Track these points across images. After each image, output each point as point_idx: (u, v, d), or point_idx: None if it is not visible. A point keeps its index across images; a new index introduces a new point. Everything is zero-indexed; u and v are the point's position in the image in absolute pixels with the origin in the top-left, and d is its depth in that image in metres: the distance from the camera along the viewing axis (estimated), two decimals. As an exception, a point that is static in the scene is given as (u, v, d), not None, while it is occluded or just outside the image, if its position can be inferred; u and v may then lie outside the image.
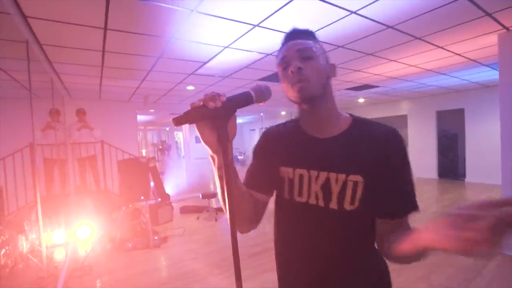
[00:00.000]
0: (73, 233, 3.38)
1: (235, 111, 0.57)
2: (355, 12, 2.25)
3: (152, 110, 7.79)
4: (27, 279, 2.65)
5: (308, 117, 0.74)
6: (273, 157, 0.76)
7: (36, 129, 3.85)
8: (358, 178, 0.65)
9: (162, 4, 2.00)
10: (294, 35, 0.73)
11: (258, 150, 0.81)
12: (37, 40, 2.52)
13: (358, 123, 0.72)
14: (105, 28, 2.35)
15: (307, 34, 0.73)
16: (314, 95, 0.67)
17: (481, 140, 6.58)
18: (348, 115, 0.75)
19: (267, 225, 0.87)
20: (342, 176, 0.66)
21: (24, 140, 3.69)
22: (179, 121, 0.52)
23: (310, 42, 0.70)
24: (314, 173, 0.69)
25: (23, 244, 2.99)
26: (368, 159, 0.66)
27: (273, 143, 0.78)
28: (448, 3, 2.16)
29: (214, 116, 0.54)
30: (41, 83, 3.78)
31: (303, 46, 0.69)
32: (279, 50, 0.74)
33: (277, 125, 0.83)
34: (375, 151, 0.66)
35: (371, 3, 2.11)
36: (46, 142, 4.20)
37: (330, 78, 0.72)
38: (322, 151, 0.70)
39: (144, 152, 12.50)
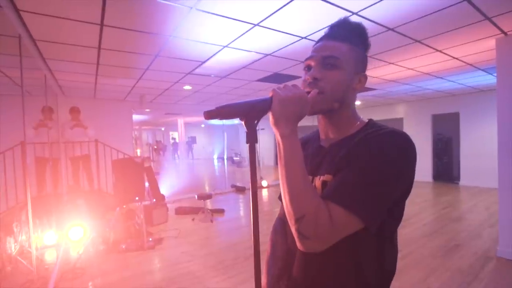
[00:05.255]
0: (65, 234, 3.29)
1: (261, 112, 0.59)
2: (356, 13, 2.23)
3: (147, 110, 7.71)
4: (16, 282, 2.56)
5: (321, 124, 0.74)
6: None
7: (28, 127, 3.75)
8: (329, 177, 0.64)
9: (161, 1, 1.96)
10: (334, 32, 0.68)
11: None
12: (30, 35, 2.45)
13: (367, 127, 0.67)
14: (101, 24, 2.29)
15: (349, 34, 0.67)
16: (323, 109, 0.67)
17: (476, 144, 6.66)
18: (366, 120, 0.71)
19: (264, 227, 0.84)
20: (320, 178, 0.67)
21: (16, 138, 3.59)
22: (210, 116, 0.55)
23: (343, 47, 0.65)
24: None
25: (11, 246, 2.89)
26: (344, 158, 0.63)
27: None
28: (450, 6, 2.16)
29: (245, 114, 0.57)
30: (34, 80, 3.69)
31: (329, 53, 0.65)
32: (314, 44, 0.70)
33: (312, 131, 0.84)
34: (355, 150, 0.62)
35: (373, 4, 2.09)
36: (39, 141, 4.09)
37: (355, 90, 0.68)
38: (320, 157, 0.71)
39: (138, 152, 12.37)
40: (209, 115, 0.55)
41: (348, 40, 0.66)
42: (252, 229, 0.57)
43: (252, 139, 0.57)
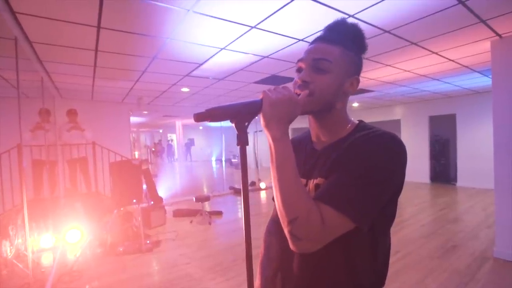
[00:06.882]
0: (62, 237, 3.27)
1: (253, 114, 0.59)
2: (352, 16, 2.25)
3: (145, 112, 7.70)
4: (12, 286, 2.54)
5: (312, 127, 0.74)
6: None
7: (25, 129, 3.73)
8: (322, 181, 0.65)
9: (158, 3, 1.96)
10: (328, 34, 0.68)
11: None
12: (27, 37, 2.44)
13: (358, 129, 0.68)
14: (99, 27, 2.29)
15: (343, 37, 0.66)
16: (313, 110, 0.67)
17: (472, 145, 6.70)
18: (356, 122, 0.71)
19: (261, 230, 0.84)
20: (313, 181, 0.67)
21: (12, 141, 3.57)
22: (200, 118, 0.55)
23: (335, 51, 0.64)
24: (303, 181, 0.70)
25: (7, 250, 2.87)
26: (336, 161, 0.63)
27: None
28: (445, 9, 2.18)
29: (235, 116, 0.57)
30: (30, 82, 3.68)
31: (320, 56, 0.64)
32: (308, 45, 0.70)
33: (304, 132, 0.83)
34: (347, 153, 0.62)
35: (369, 7, 2.11)
36: (36, 143, 4.07)
37: (346, 93, 0.68)
38: (314, 160, 0.71)
39: (136, 154, 12.32)
40: (199, 117, 0.54)
41: (341, 43, 0.65)
42: (244, 232, 0.57)
43: (242, 141, 0.57)
